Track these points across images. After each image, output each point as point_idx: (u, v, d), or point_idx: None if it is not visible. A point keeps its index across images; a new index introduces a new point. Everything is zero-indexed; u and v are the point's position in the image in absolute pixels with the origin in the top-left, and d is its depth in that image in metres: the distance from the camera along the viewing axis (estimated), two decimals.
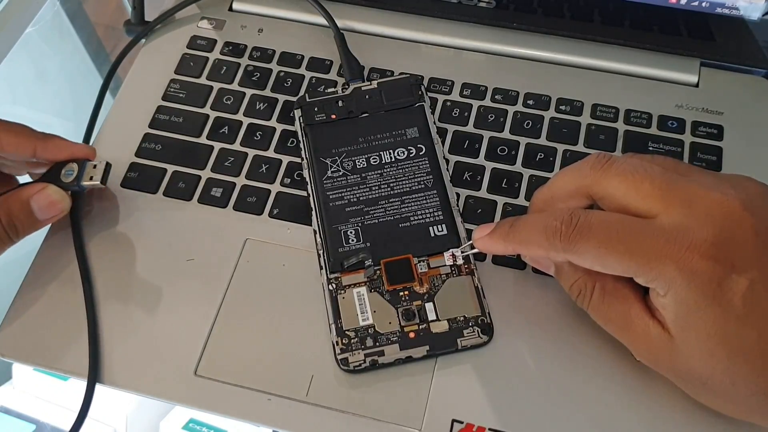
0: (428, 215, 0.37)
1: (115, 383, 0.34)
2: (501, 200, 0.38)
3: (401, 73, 0.43)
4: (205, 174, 0.40)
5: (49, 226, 0.38)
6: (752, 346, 0.27)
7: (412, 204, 0.37)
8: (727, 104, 0.42)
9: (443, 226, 0.36)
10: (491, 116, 0.42)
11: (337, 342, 0.33)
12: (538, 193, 0.33)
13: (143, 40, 0.46)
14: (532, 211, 0.34)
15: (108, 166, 0.36)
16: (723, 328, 0.27)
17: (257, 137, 0.41)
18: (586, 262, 0.29)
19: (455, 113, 0.42)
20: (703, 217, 0.28)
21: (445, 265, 0.35)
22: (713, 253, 0.27)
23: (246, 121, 0.42)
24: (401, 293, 0.35)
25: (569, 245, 0.29)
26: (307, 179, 0.39)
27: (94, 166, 0.36)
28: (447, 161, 0.39)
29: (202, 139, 0.41)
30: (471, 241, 0.33)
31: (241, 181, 0.40)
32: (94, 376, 0.34)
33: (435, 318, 0.34)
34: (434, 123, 0.40)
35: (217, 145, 0.41)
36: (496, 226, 0.32)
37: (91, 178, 0.36)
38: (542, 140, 0.41)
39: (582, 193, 0.31)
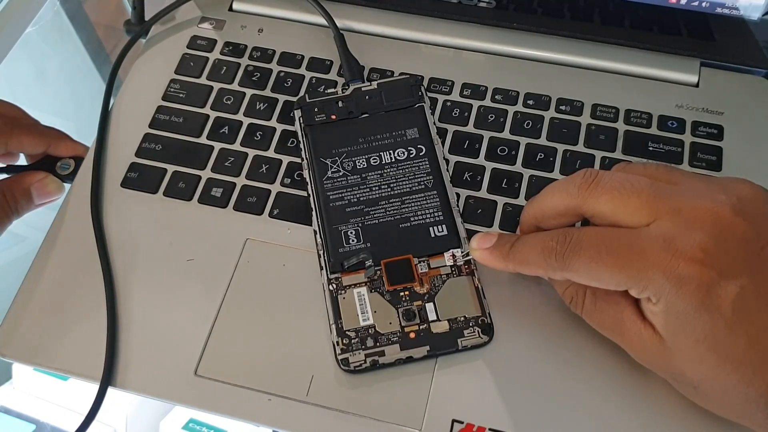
0: (428, 216, 0.37)
1: (115, 383, 0.34)
2: (501, 200, 0.38)
3: (401, 74, 0.43)
4: (205, 174, 0.40)
5: (49, 224, 0.39)
6: (741, 353, 0.27)
7: (413, 204, 0.37)
8: (727, 104, 0.42)
9: (443, 226, 0.36)
10: (491, 116, 0.42)
11: (337, 342, 0.33)
12: (528, 209, 0.33)
13: (143, 40, 0.46)
14: (522, 226, 0.34)
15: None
16: (712, 334, 0.27)
17: (257, 137, 0.41)
18: (582, 279, 0.29)
19: (455, 113, 0.42)
20: (691, 224, 0.28)
21: (446, 266, 0.35)
22: (701, 258, 0.27)
23: (246, 121, 0.42)
24: (402, 293, 0.35)
25: (564, 263, 0.29)
26: (308, 179, 0.39)
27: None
28: (447, 161, 0.39)
29: (202, 139, 0.41)
30: (470, 250, 0.34)
31: (241, 181, 0.40)
32: (107, 378, 0.34)
33: (435, 318, 0.34)
34: (434, 123, 0.40)
35: (218, 145, 0.41)
36: (496, 242, 0.32)
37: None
38: (542, 140, 0.41)
39: (572, 213, 0.31)
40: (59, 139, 0.40)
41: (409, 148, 0.39)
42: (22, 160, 0.41)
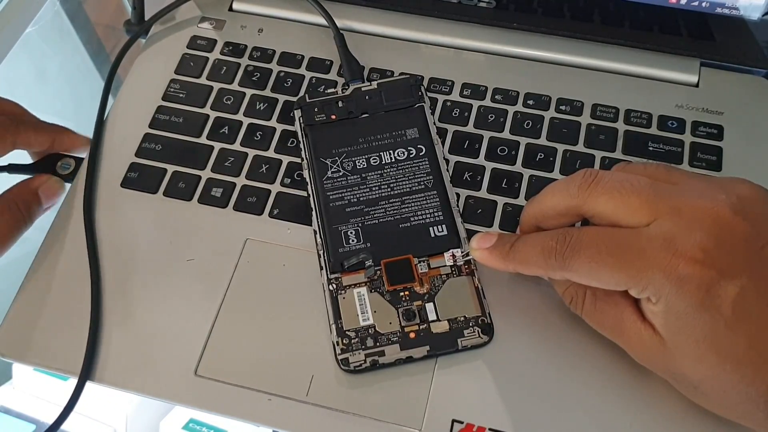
0: (428, 215, 0.37)
1: (114, 382, 0.34)
2: (501, 200, 0.38)
3: (401, 74, 0.43)
4: (205, 174, 0.40)
5: (48, 224, 0.39)
6: (742, 353, 0.27)
7: (413, 204, 0.37)
8: (727, 104, 0.42)
9: (443, 226, 0.36)
10: (491, 116, 0.42)
11: (337, 342, 0.33)
12: (528, 209, 0.33)
13: (143, 40, 0.46)
14: (522, 225, 0.34)
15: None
16: (712, 334, 0.27)
17: (257, 137, 0.41)
18: (582, 278, 0.29)
19: (455, 113, 0.42)
20: (691, 223, 0.28)
21: (446, 266, 0.35)
22: (701, 258, 0.27)
23: (246, 121, 0.42)
24: (402, 293, 0.35)
25: (564, 263, 0.29)
26: (308, 179, 0.39)
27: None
28: (447, 161, 0.39)
29: (202, 139, 0.41)
30: (470, 250, 0.34)
31: (241, 181, 0.40)
32: (86, 373, 0.34)
33: (435, 318, 0.34)
34: (434, 123, 0.40)
35: (217, 145, 0.41)
36: (496, 242, 0.32)
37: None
38: (542, 140, 0.41)
39: (572, 213, 0.31)
40: (63, 133, 0.40)
41: (409, 148, 0.39)
42: (23, 158, 0.41)
